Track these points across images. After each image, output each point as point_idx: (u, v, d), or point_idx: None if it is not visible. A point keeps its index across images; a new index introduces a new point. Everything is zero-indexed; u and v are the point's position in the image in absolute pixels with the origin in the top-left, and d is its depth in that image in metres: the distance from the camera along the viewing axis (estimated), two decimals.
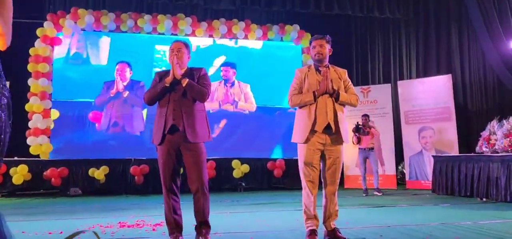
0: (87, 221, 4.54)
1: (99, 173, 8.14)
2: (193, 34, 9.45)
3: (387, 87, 9.56)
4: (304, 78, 3.49)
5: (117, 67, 9.52)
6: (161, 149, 3.27)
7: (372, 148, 7.81)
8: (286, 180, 9.07)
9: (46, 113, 8.62)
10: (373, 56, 10.95)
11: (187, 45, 3.43)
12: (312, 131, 3.37)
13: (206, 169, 3.34)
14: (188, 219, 3.45)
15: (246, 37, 9.66)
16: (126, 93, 9.47)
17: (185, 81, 3.25)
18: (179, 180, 3.35)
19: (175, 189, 3.30)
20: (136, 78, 9.59)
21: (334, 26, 10.48)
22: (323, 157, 3.45)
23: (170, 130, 3.22)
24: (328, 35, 3.54)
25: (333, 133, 3.39)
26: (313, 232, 3.36)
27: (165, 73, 3.38)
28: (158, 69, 9.36)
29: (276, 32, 9.85)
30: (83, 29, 9.00)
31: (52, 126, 8.75)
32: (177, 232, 3.24)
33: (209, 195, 3.32)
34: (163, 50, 9.69)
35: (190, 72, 3.36)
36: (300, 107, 3.49)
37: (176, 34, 9.41)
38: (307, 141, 3.38)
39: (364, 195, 7.55)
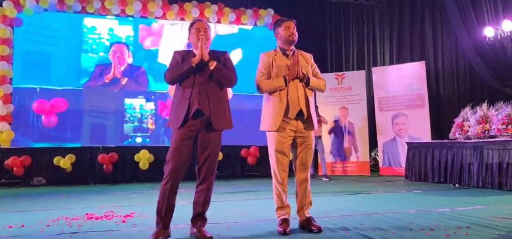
0: (51, 213, 4.25)
1: (65, 162, 7.76)
2: (163, 17, 9.11)
3: (361, 74, 9.55)
4: (272, 62, 3.32)
5: (113, 48, 8.82)
6: (179, 133, 3.00)
7: (320, 136, 8.31)
8: (260, 168, 8.97)
9: (6, 99, 8.13)
10: (347, 42, 10.91)
11: (209, 26, 3.21)
12: (285, 118, 3.22)
13: None
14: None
15: (219, 21, 9.40)
16: (124, 80, 8.80)
17: (213, 64, 3.02)
18: (187, 170, 3.06)
19: (180, 179, 3.02)
20: (61, 62, 8.57)
21: (309, 12, 10.36)
22: (294, 144, 3.31)
23: (194, 114, 2.99)
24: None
25: (304, 119, 3.26)
26: (285, 221, 3.23)
27: (187, 53, 3.15)
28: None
29: (249, 17, 9.63)
30: (45, 10, 8.50)
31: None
32: (166, 225, 2.98)
33: None
34: (94, 25, 8.87)
35: (214, 55, 3.13)
36: (270, 93, 3.31)
37: (145, 17, 9.05)
38: (279, 128, 3.22)
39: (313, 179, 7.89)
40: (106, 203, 5.13)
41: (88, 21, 8.89)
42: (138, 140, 8.88)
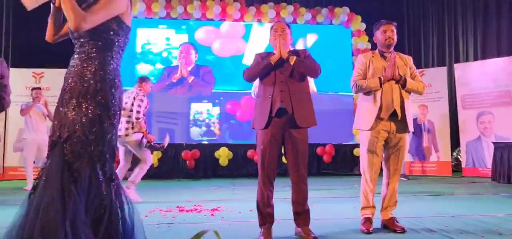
0: (147, 205, 4.64)
1: (152, 157, 8.35)
2: (241, 19, 9.44)
3: (442, 70, 9.18)
4: (369, 63, 3.37)
5: (180, 49, 9.26)
6: (264, 133, 3.04)
7: None
8: (336, 166, 8.99)
9: None
10: (426, 38, 10.50)
11: (289, 26, 3.27)
12: (378, 118, 3.27)
13: None
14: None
15: (294, 21, 9.53)
16: (191, 78, 9.14)
17: (293, 59, 3.07)
18: (277, 168, 3.13)
19: (273, 178, 3.08)
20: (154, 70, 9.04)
21: (385, 7, 10.13)
22: (386, 145, 3.35)
23: (277, 113, 3.02)
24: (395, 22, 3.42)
25: (398, 120, 3.28)
26: (368, 220, 3.29)
27: (267, 54, 3.22)
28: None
29: (325, 16, 9.65)
30: (135, 17, 9.19)
31: None
32: (269, 223, 3.07)
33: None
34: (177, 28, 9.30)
35: (294, 53, 3.18)
36: (365, 93, 3.38)
37: (224, 20, 9.43)
38: (371, 128, 3.28)
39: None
40: (193, 197, 5.51)
41: (173, 24, 9.42)
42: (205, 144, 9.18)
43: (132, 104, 5.30)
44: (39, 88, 6.79)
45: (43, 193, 1.86)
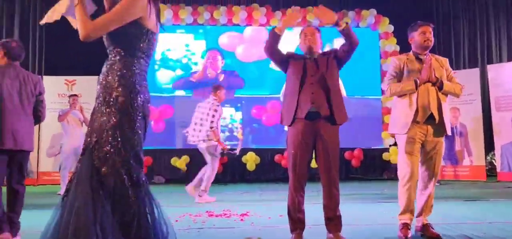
0: (177, 210, 4.68)
1: (180, 162, 8.45)
2: (267, 23, 9.43)
3: (474, 72, 8.92)
4: (403, 66, 3.29)
5: (207, 55, 9.37)
6: (295, 136, 3.01)
7: None
8: (364, 171, 8.87)
9: None
10: (457, 38, 10.21)
11: (319, 30, 3.25)
12: (414, 122, 3.18)
13: None
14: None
15: (321, 25, 9.45)
16: (221, 76, 9.26)
17: (342, 24, 3.02)
18: (308, 172, 3.08)
19: (304, 183, 3.04)
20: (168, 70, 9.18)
21: (414, 7, 9.89)
22: (422, 149, 3.26)
23: (308, 115, 2.98)
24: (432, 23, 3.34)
25: (436, 123, 3.19)
26: (406, 226, 3.20)
27: (295, 55, 3.26)
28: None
29: (352, 18, 9.55)
30: (162, 24, 9.30)
31: None
32: (300, 229, 3.03)
33: None
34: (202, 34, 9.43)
35: (324, 55, 3.17)
36: (400, 96, 3.30)
37: (250, 25, 9.45)
38: (407, 132, 3.20)
39: None
40: (221, 202, 5.54)
41: (191, 29, 9.48)
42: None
43: (208, 114, 5.66)
44: (76, 95, 7.00)
45: (75, 196, 1.93)
